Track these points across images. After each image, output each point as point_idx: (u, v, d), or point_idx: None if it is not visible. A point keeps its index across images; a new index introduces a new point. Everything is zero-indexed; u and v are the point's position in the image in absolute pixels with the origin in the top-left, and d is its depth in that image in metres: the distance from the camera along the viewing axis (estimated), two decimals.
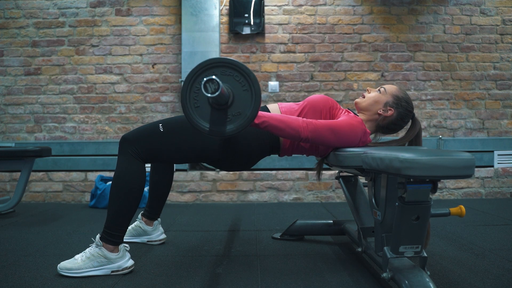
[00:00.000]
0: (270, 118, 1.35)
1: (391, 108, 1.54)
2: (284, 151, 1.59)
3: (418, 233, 1.15)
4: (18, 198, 2.58)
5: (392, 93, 1.55)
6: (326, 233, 1.95)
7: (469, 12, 3.53)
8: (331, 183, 3.24)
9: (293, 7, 3.50)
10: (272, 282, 1.38)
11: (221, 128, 1.24)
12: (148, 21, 3.48)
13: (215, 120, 1.24)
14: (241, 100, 1.23)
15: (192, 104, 1.24)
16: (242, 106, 1.23)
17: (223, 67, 1.23)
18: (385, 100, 1.54)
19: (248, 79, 1.23)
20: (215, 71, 1.23)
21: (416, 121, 1.56)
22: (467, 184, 3.33)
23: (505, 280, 1.38)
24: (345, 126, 1.44)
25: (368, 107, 1.57)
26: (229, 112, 1.24)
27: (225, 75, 1.23)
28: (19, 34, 3.47)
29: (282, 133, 1.38)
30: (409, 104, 1.56)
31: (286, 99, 3.47)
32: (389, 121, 1.56)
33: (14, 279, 1.41)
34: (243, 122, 1.23)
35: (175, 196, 3.19)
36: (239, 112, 1.24)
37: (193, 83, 1.24)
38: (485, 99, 3.52)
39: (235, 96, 1.24)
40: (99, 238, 1.46)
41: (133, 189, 1.46)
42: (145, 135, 1.48)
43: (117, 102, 3.47)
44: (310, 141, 1.40)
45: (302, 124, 1.38)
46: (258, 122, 1.32)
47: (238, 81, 1.24)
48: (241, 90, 1.23)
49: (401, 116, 1.55)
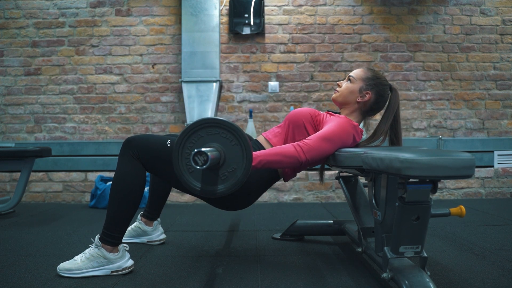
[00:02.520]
0: (265, 155, 1.33)
1: (367, 91, 1.55)
2: (287, 176, 1.58)
3: (418, 233, 1.15)
4: (18, 198, 2.58)
5: (362, 77, 1.56)
6: (326, 233, 1.95)
7: (469, 12, 3.53)
8: (331, 183, 3.24)
9: (293, 7, 3.50)
10: (272, 282, 1.38)
11: (213, 187, 1.27)
12: (148, 21, 3.48)
13: (207, 179, 1.27)
14: (232, 155, 1.26)
15: (186, 170, 1.26)
16: (235, 161, 1.26)
17: (208, 128, 1.26)
18: (358, 87, 1.55)
19: (235, 134, 1.25)
20: (200, 133, 1.26)
21: (394, 90, 1.58)
22: (467, 184, 3.33)
23: (505, 280, 1.38)
24: (335, 130, 1.43)
25: (345, 100, 1.57)
26: (222, 170, 1.26)
27: (211, 135, 1.26)
28: (19, 34, 3.47)
29: (281, 165, 1.37)
30: (381, 79, 1.56)
31: (286, 99, 3.47)
32: (371, 104, 1.57)
33: (14, 279, 1.41)
34: (235, 182, 1.26)
35: (175, 196, 3.19)
36: (234, 168, 1.26)
37: (183, 150, 1.26)
38: (485, 99, 3.52)
39: (226, 153, 1.26)
40: (99, 239, 1.46)
41: (133, 190, 1.45)
42: (150, 144, 1.47)
43: (117, 102, 3.47)
44: (310, 161, 1.39)
45: (297, 149, 1.36)
46: (255, 164, 1.30)
47: (226, 138, 1.26)
48: (230, 145, 1.26)
49: (380, 94, 1.56)
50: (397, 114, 1.58)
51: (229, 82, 3.48)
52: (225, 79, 3.47)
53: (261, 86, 3.48)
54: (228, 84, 3.48)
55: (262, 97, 3.47)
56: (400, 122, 1.60)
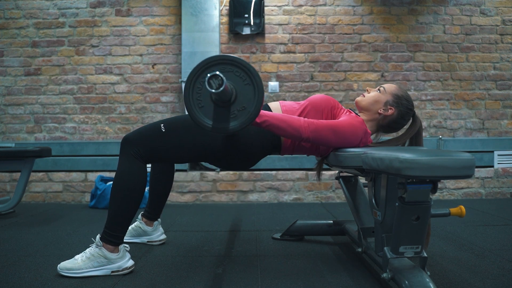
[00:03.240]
0: (272, 117, 1.34)
1: (392, 107, 1.54)
2: (285, 150, 1.59)
3: (418, 233, 1.15)
4: (18, 198, 2.58)
5: (392, 92, 1.55)
6: (326, 233, 1.95)
7: (469, 12, 3.53)
8: (331, 183, 3.24)
9: (293, 7, 3.50)
10: (272, 282, 1.38)
11: (224, 125, 1.24)
12: (148, 21, 3.48)
13: (218, 117, 1.24)
14: (244, 94, 1.23)
15: (196, 105, 1.24)
16: (246, 100, 1.23)
17: (222, 64, 1.23)
18: (385, 99, 1.54)
19: (249, 73, 1.23)
20: (214, 69, 1.22)
21: (417, 119, 1.56)
22: (467, 184, 3.33)
23: (505, 280, 1.38)
24: (346, 126, 1.44)
25: (368, 106, 1.57)
26: (233, 108, 1.24)
27: (225, 72, 1.22)
28: (19, 35, 3.47)
29: (283, 133, 1.38)
30: (409, 102, 1.56)
31: (286, 99, 3.46)
32: (389, 120, 1.56)
33: (14, 279, 1.41)
34: (246, 119, 1.23)
35: (175, 196, 3.19)
36: (244, 107, 1.23)
37: (195, 83, 1.24)
38: (485, 99, 3.52)
39: (237, 92, 1.23)
40: (99, 238, 1.46)
41: (134, 190, 1.46)
42: (146, 136, 1.48)
43: (117, 103, 3.47)
44: (311, 141, 1.40)
45: (304, 124, 1.37)
46: (259, 121, 1.32)
47: (239, 76, 1.23)
48: (243, 84, 1.23)
49: (402, 115, 1.55)
50: (418, 137, 1.54)
51: None
52: None
53: None
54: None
55: None
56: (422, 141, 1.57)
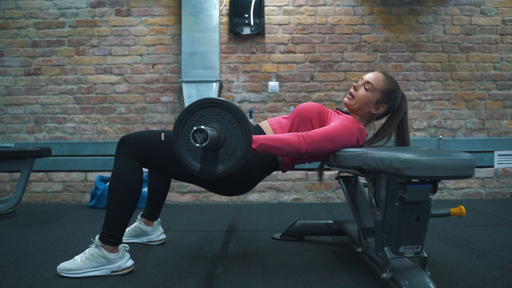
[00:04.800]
0: (266, 139, 1.32)
1: (383, 104, 1.55)
2: (285, 166, 1.58)
3: (418, 233, 1.15)
4: (18, 198, 2.58)
5: (381, 89, 1.53)
6: (326, 233, 1.95)
7: (469, 12, 3.53)
8: (331, 183, 3.24)
9: (293, 7, 3.50)
10: (272, 282, 1.38)
11: (211, 168, 1.25)
12: (148, 21, 3.48)
13: (206, 160, 1.25)
14: (232, 138, 1.25)
15: (185, 148, 1.25)
16: (234, 143, 1.24)
17: (211, 107, 1.24)
18: (375, 98, 1.54)
19: (237, 117, 1.24)
20: (203, 112, 1.24)
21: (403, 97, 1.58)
22: (467, 185, 3.33)
23: (505, 280, 1.38)
24: (340, 130, 1.43)
25: (360, 108, 1.56)
26: (221, 152, 1.25)
27: (213, 115, 1.24)
28: (19, 35, 3.47)
29: (281, 152, 1.36)
30: (398, 92, 1.56)
31: (286, 99, 3.47)
32: (382, 114, 1.58)
33: (14, 280, 1.41)
34: (233, 163, 1.24)
35: (175, 196, 3.19)
36: (232, 150, 1.24)
37: (184, 126, 1.25)
38: (485, 100, 3.52)
39: (226, 135, 1.24)
40: (99, 239, 1.46)
41: (131, 189, 1.45)
42: (145, 140, 1.47)
43: (117, 103, 3.47)
44: (310, 154, 1.38)
45: (300, 139, 1.36)
46: (255, 147, 1.30)
47: (228, 119, 1.24)
48: (232, 128, 1.24)
49: (393, 106, 1.57)
50: (404, 119, 1.58)
51: (229, 82, 3.48)
52: (225, 79, 3.47)
53: (261, 86, 3.47)
54: (228, 84, 3.48)
55: (262, 97, 3.47)
56: (407, 126, 1.60)
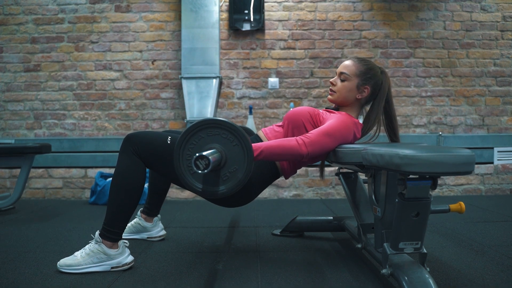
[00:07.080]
0: (266, 147, 1.32)
1: (365, 87, 1.54)
2: (287, 172, 1.57)
3: (418, 229, 1.15)
4: (18, 194, 2.58)
5: (356, 73, 1.53)
6: (326, 229, 1.95)
7: (469, 8, 3.51)
8: (331, 179, 3.24)
9: (293, 3, 3.49)
10: (272, 278, 1.38)
11: (214, 188, 1.27)
12: (148, 17, 3.47)
13: (208, 180, 1.27)
14: (234, 156, 1.26)
15: (187, 170, 1.27)
16: (237, 161, 1.26)
17: (208, 129, 1.26)
18: (355, 84, 1.54)
19: (235, 134, 1.25)
20: (201, 134, 1.26)
21: (384, 72, 1.57)
22: (467, 181, 3.33)
23: (504, 276, 1.39)
24: (337, 125, 1.43)
25: (345, 100, 1.56)
26: (224, 171, 1.27)
27: (212, 136, 1.26)
28: (18, 31, 3.46)
29: (282, 158, 1.36)
30: (374, 69, 1.55)
31: (286, 95, 3.46)
32: (369, 95, 1.56)
33: (14, 275, 1.41)
34: (236, 183, 1.26)
35: (175, 192, 3.20)
36: (236, 168, 1.26)
37: (184, 148, 1.26)
38: (485, 96, 3.51)
39: (227, 154, 1.26)
40: (99, 235, 1.46)
41: (133, 187, 1.45)
42: (150, 140, 1.46)
43: (116, 99, 3.46)
44: (311, 155, 1.37)
45: (299, 142, 1.36)
46: (256, 154, 1.29)
47: (226, 138, 1.26)
48: (231, 146, 1.26)
49: (377, 84, 1.55)
50: (389, 96, 1.57)
51: (229, 79, 3.47)
52: (225, 76, 3.47)
53: (261, 83, 3.47)
54: (228, 81, 3.47)
55: (262, 93, 3.47)
56: (393, 103, 1.59)
